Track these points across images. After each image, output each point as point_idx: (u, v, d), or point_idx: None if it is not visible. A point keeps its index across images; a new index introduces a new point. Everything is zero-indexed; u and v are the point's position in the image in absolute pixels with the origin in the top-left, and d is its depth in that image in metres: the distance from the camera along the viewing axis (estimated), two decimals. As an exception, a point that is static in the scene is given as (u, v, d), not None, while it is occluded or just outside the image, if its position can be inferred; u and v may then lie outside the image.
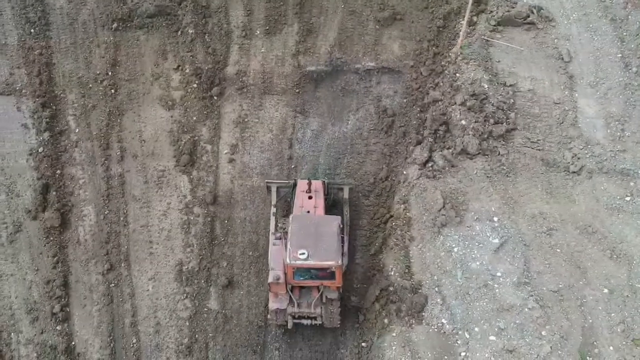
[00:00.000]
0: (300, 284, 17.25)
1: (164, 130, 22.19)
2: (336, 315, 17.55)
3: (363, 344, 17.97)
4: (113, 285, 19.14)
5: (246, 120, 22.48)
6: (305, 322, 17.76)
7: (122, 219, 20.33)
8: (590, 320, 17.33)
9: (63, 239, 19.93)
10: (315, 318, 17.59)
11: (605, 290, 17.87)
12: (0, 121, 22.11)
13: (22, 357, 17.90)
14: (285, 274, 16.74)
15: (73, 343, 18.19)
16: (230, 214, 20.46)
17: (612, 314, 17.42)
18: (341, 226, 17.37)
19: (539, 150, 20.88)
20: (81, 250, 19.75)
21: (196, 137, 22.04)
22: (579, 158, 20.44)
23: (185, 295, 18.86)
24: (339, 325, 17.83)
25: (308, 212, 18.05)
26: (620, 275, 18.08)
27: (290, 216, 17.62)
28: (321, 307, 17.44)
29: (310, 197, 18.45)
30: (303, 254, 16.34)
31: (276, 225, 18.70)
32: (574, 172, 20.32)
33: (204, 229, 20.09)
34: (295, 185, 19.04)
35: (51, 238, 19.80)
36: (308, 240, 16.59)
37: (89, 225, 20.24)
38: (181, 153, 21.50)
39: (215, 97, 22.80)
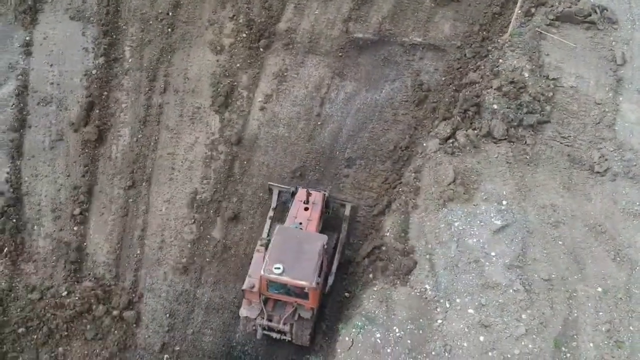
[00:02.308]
0: (274, 297, 17.21)
1: (207, 72, 24.11)
2: (306, 335, 17.48)
3: (346, 294, 19.00)
4: (131, 200, 21.17)
5: (285, 74, 24.00)
6: (274, 335, 17.62)
7: (152, 144, 22.38)
8: (576, 315, 17.55)
9: (96, 153, 22.20)
10: (284, 333, 17.51)
11: (599, 289, 18.01)
12: (65, 42, 24.69)
13: (39, 247, 20.21)
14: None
15: (85, 244, 20.31)
16: (251, 157, 22.06)
17: (601, 313, 17.57)
18: (326, 246, 17.06)
19: (568, 146, 21.11)
20: (110, 165, 21.93)
21: (235, 83, 23.80)
22: (606, 159, 20.52)
23: (193, 220, 20.61)
24: (308, 344, 17.74)
25: (300, 223, 17.98)
26: (619, 278, 18.16)
27: (277, 227, 17.62)
28: (292, 324, 17.30)
29: (306, 209, 18.44)
30: (278, 268, 16.18)
31: (269, 230, 18.70)
32: (598, 172, 20.43)
33: (223, 165, 21.79)
34: (294, 193, 19.19)
35: (86, 150, 22.12)
36: (287, 255, 16.42)
37: (122, 145, 22.42)
38: (218, 94, 23.33)
39: (261, 49, 24.50)
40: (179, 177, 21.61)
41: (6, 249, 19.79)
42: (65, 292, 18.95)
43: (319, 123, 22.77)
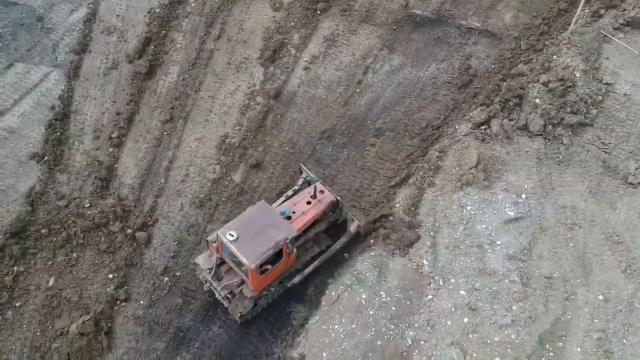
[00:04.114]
0: (226, 261, 17.42)
1: (262, 26, 25.25)
2: (236, 312, 17.49)
3: (346, 255, 19.69)
4: (166, 133, 22.65)
5: (336, 39, 24.76)
6: (216, 295, 17.95)
7: (196, 85, 23.77)
8: (569, 317, 17.51)
9: (144, 85, 23.83)
10: (224, 298, 17.70)
11: (601, 297, 17.86)
12: (136, -19, 26.37)
13: (75, 161, 22.03)
14: None
15: (116, 165, 21.95)
16: (285, 112, 23.03)
17: (596, 320, 17.45)
18: (288, 241, 16.94)
19: (606, 152, 20.83)
20: (154, 98, 23.51)
21: (286, 40, 24.80)
22: (643, 172, 20.10)
23: (218, 161, 21.85)
24: (237, 320, 17.84)
25: (294, 212, 18.06)
26: (624, 289, 17.93)
27: (261, 201, 18.03)
28: (233, 294, 17.49)
29: (309, 202, 18.40)
30: (232, 235, 16.31)
31: (280, 204, 18.75)
32: (631, 183, 20.11)
33: (257, 115, 22.89)
34: (310, 182, 19.21)
35: (135, 81, 23.77)
36: (249, 229, 16.51)
37: (168, 82, 23.94)
38: (267, 48, 24.42)
39: (318, 11, 25.37)
40: (214, 119, 22.87)
41: (46, 157, 21.73)
42: (88, 204, 20.60)
43: (357, 90, 23.39)
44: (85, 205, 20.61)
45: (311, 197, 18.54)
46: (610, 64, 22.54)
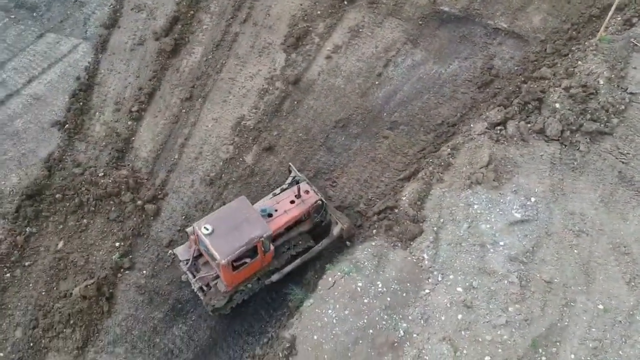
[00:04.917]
0: (202, 253, 17.39)
1: (288, 13, 25.58)
2: (209, 305, 17.56)
3: (348, 243, 19.91)
4: (184, 111, 23.17)
5: (361, 30, 24.93)
6: (192, 286, 18.01)
7: (218, 66, 24.24)
8: (566, 323, 17.40)
9: (168, 62, 24.41)
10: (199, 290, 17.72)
11: (601, 306, 17.69)
12: (168, -37, 26.95)
13: (94, 131, 22.72)
14: None
15: (133, 138, 22.56)
16: (302, 98, 23.32)
17: (593, 329, 17.30)
18: (263, 239, 16.78)
19: (623, 162, 20.57)
20: (176, 76, 24.05)
21: (311, 28, 25.09)
22: (659, 185, 19.80)
23: (232, 142, 22.28)
24: (210, 314, 18.03)
25: (276, 210, 18.05)
26: (625, 301, 17.73)
27: (241, 196, 17.82)
28: (208, 287, 17.54)
29: (292, 202, 18.33)
30: (207, 229, 16.17)
31: (265, 201, 18.70)
32: (646, 196, 19.77)
33: (274, 100, 23.23)
34: (298, 182, 19.12)
35: (160, 58, 24.38)
36: (225, 224, 16.41)
37: (191, 61, 24.47)
38: (291, 35, 24.76)
39: (345, 2, 25.64)
40: (232, 101, 23.30)
41: (67, 125, 22.48)
42: (102, 174, 21.24)
43: (376, 82, 23.54)
44: (100, 174, 21.24)
45: (295, 196, 18.45)
46: (638, 73, 22.20)
